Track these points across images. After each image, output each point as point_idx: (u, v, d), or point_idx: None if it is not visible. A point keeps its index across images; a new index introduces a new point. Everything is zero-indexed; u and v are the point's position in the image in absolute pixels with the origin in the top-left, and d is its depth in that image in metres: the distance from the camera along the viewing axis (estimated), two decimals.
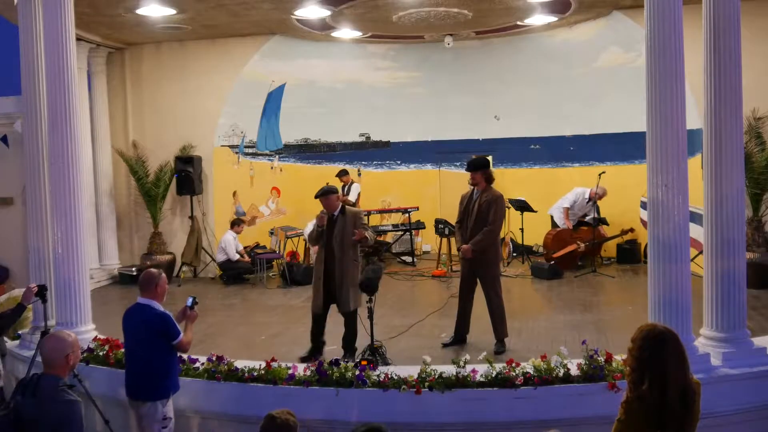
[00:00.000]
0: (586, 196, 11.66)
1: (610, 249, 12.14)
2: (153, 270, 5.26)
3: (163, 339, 4.99)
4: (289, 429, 3.57)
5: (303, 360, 6.64)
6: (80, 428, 3.70)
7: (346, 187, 12.40)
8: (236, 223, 11.76)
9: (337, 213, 6.94)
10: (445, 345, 7.34)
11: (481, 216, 7.18)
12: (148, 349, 4.97)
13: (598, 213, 11.91)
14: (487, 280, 7.28)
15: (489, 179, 7.36)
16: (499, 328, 7.22)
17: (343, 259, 6.86)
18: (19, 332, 7.45)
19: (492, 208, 7.14)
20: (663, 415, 3.14)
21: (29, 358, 6.08)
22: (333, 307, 6.97)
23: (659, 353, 3.18)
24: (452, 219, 8.42)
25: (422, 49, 12.99)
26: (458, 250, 7.55)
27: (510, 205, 12.19)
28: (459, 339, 7.41)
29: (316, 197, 7.01)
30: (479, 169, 7.34)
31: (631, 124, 10.88)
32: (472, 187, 7.41)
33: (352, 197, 12.29)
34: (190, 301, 5.39)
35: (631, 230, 11.64)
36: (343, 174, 12.47)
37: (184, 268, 12.01)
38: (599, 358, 5.75)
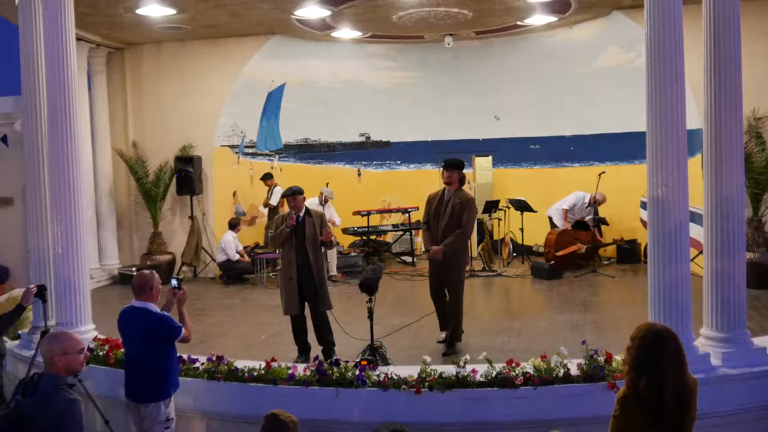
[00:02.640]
0: (586, 201, 11.68)
1: (610, 249, 12.15)
2: (146, 272, 5.12)
3: (166, 340, 4.98)
4: (290, 429, 3.58)
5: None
6: (80, 427, 3.69)
7: (270, 190, 12.27)
8: (236, 223, 11.76)
9: (303, 214, 7.01)
10: (440, 342, 7.35)
11: (453, 218, 7.10)
12: (150, 352, 4.94)
13: (597, 213, 11.92)
14: (452, 283, 7.21)
15: (462, 181, 7.36)
16: (452, 331, 7.15)
17: (317, 259, 6.98)
18: (19, 332, 7.45)
19: (465, 211, 7.08)
20: (659, 414, 3.14)
21: (29, 358, 6.08)
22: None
23: (657, 352, 3.19)
24: None
25: (422, 49, 12.98)
26: (426, 251, 7.45)
27: (510, 205, 12.23)
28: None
29: (283, 196, 7.14)
30: (457, 167, 7.29)
31: (631, 124, 10.88)
32: (442, 188, 7.34)
33: (273, 201, 12.17)
34: (174, 282, 5.14)
35: (622, 239, 11.78)
36: (267, 177, 12.35)
37: (184, 268, 12.01)
38: (599, 358, 5.75)
